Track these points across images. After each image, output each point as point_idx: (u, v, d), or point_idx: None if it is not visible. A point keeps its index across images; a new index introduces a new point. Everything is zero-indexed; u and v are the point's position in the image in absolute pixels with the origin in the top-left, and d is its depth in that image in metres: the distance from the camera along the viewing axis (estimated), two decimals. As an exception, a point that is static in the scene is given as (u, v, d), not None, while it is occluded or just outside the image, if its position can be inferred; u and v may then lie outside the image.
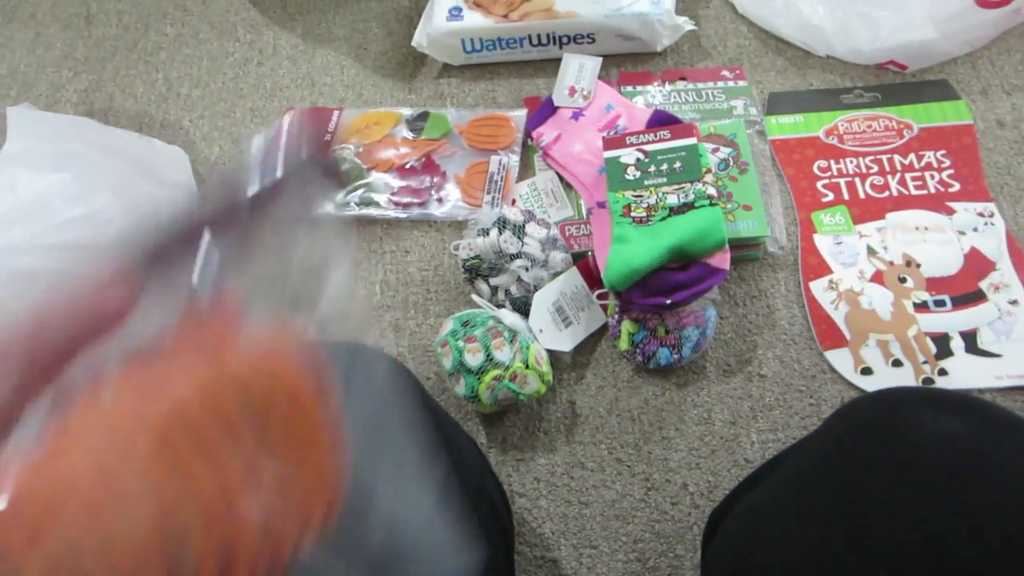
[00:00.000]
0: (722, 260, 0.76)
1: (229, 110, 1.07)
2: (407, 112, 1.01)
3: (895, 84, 0.97)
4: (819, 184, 0.90)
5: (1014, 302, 0.80)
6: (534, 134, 0.95)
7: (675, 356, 0.77)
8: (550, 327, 0.79)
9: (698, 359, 0.80)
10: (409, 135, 0.98)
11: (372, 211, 0.92)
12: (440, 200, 0.92)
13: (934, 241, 0.84)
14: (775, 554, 0.44)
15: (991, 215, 0.85)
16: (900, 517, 0.39)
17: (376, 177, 0.94)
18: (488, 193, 0.91)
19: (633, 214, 0.79)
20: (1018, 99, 0.94)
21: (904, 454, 0.41)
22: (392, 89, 1.05)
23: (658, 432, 0.77)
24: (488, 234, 0.80)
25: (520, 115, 0.98)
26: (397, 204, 0.92)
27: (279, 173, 0.23)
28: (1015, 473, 0.39)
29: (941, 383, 0.76)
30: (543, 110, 0.95)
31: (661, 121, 0.88)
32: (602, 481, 0.75)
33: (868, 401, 0.50)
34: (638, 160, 0.83)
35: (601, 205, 0.85)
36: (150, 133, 1.05)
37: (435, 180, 0.94)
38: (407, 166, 0.95)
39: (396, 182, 0.94)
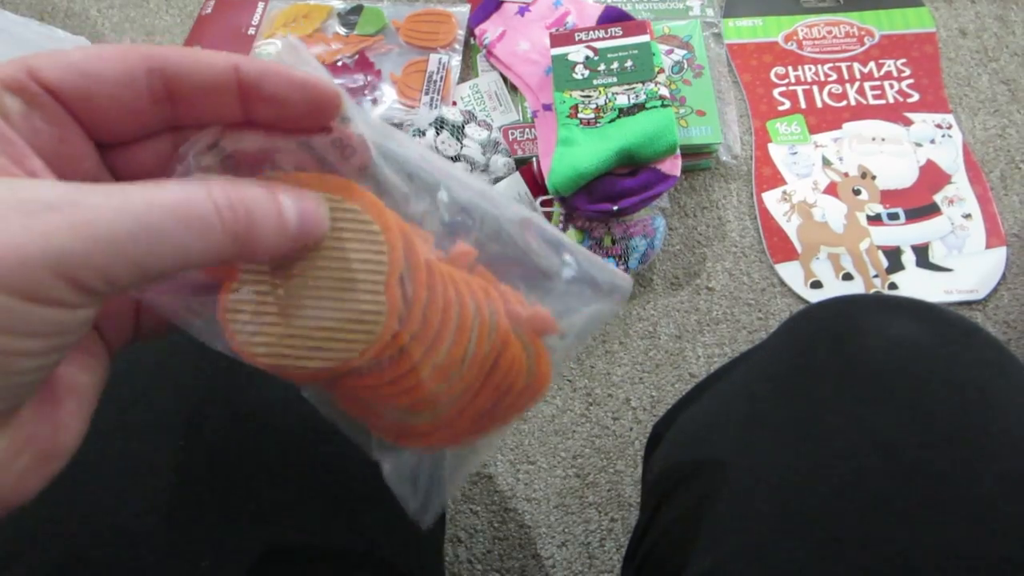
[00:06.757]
0: (673, 166, 0.72)
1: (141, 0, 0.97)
2: (339, 5, 0.92)
3: (858, -12, 0.92)
4: (776, 92, 0.86)
5: (967, 216, 0.78)
6: (477, 31, 0.88)
7: (621, 267, 0.73)
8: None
9: (645, 271, 0.76)
10: (341, 30, 0.90)
11: (300, 111, 0.84)
12: (374, 101, 0.85)
13: (890, 152, 0.81)
14: (721, 465, 0.41)
15: (949, 127, 0.82)
16: (852, 424, 0.36)
17: (304, 75, 0.87)
18: (426, 94, 0.84)
19: (580, 115, 0.74)
20: (982, 7, 0.90)
21: (857, 360, 0.39)
22: (323, -20, 0.96)
23: (601, 346, 0.73)
24: (424, 135, 0.74)
25: (463, 11, 0.90)
26: (327, 104, 0.85)
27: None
28: (969, 377, 0.37)
29: (891, 297, 0.74)
30: (487, 5, 0.88)
31: (613, 18, 0.82)
32: (542, 396, 0.71)
33: (821, 308, 0.47)
34: (587, 58, 0.77)
35: (547, 108, 0.79)
36: (53, 22, 0.94)
37: (369, 79, 0.86)
38: (338, 63, 0.87)
39: (326, 80, 0.86)
